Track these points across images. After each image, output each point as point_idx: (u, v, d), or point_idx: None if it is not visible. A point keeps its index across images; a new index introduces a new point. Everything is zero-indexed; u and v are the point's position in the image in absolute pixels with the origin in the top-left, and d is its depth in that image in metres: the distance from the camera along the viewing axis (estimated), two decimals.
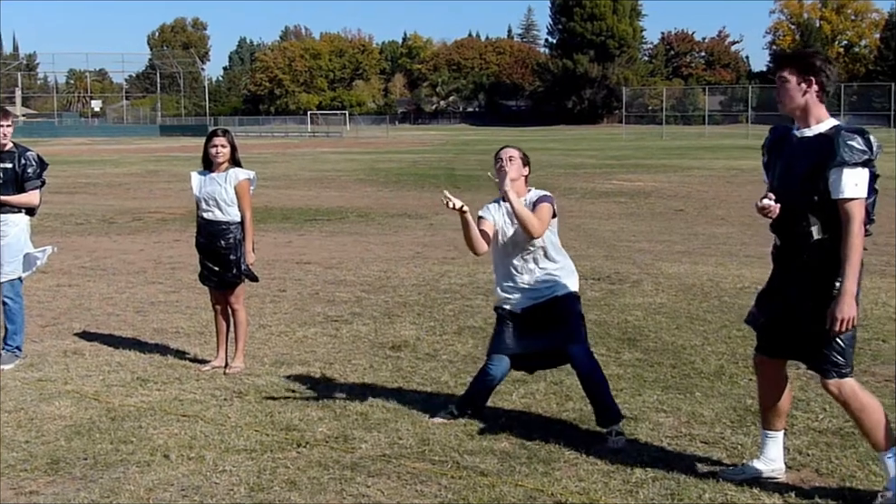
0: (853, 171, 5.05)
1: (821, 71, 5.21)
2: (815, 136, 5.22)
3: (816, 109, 5.26)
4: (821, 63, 5.24)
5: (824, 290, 5.16)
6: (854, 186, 5.04)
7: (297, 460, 6.13)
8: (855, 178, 5.05)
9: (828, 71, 5.23)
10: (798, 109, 5.29)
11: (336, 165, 42.45)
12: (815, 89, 5.22)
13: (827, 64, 5.25)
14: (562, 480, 5.75)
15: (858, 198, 5.06)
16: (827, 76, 5.22)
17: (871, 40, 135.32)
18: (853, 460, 6.05)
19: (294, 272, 13.51)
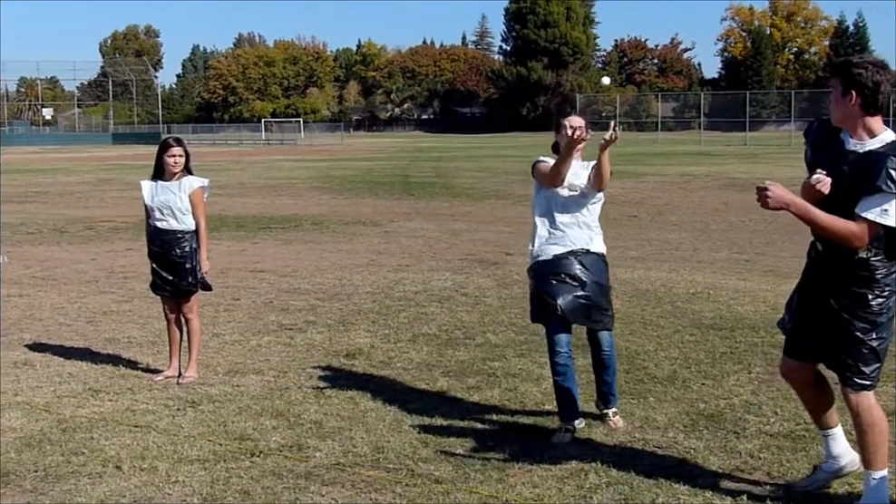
0: (885, 198, 4.82)
1: (862, 82, 4.92)
2: (865, 153, 4.95)
3: (864, 122, 4.98)
4: (864, 73, 4.93)
5: (861, 304, 5.06)
6: (882, 210, 4.83)
7: (250, 470, 6.10)
8: (886, 205, 4.84)
9: (872, 80, 4.91)
10: (842, 121, 5.07)
11: (290, 173, 42.30)
12: (859, 101, 4.95)
13: (875, 72, 4.93)
14: (517, 487, 5.76)
15: (880, 221, 4.85)
16: (870, 87, 4.91)
17: (821, 47, 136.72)
18: (805, 463, 6.10)
19: (248, 280, 13.45)
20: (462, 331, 10.08)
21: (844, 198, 4.97)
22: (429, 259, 15.41)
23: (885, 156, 4.86)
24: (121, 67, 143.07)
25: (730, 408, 7.31)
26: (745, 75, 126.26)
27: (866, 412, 5.17)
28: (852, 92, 4.96)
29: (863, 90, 4.93)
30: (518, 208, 24.61)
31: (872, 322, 5.07)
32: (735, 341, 9.49)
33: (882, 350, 5.14)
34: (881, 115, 5.00)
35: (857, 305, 5.08)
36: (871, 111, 4.96)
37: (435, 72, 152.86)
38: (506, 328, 10.19)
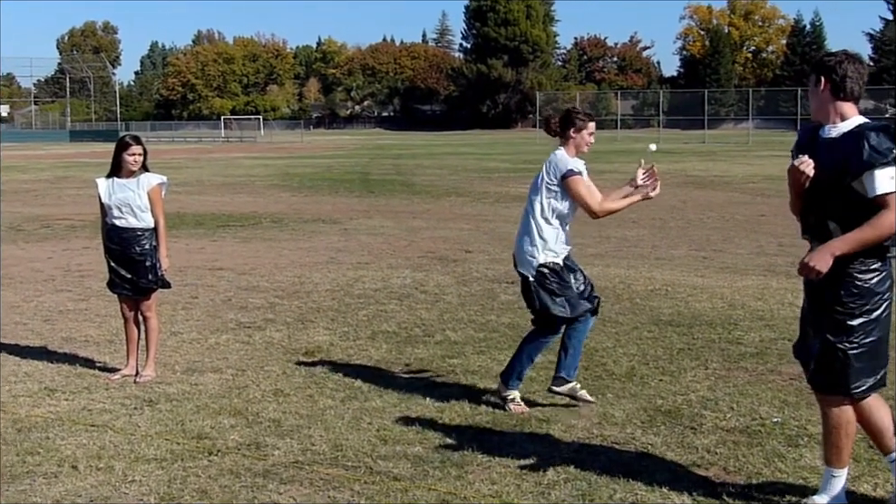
0: (885, 170, 4.85)
1: (831, 69, 5.06)
2: (840, 136, 5.05)
3: (836, 107, 5.09)
4: (834, 61, 5.08)
5: (835, 306, 5.04)
6: (890, 180, 4.85)
7: (208, 469, 6.07)
8: (889, 174, 4.85)
9: (840, 68, 5.04)
10: (817, 111, 5.18)
11: (249, 170, 42.14)
12: (828, 87, 5.06)
13: (844, 62, 5.06)
14: (475, 484, 5.77)
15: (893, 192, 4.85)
16: (839, 73, 5.04)
17: (778, 46, 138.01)
18: (760, 457, 6.16)
19: (206, 278, 13.38)
20: (422, 328, 10.09)
21: (826, 184, 5.04)
22: (388, 257, 15.40)
23: (860, 134, 4.96)
24: (78, 64, 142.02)
25: (687, 404, 7.36)
26: (703, 73, 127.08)
27: (834, 414, 5.18)
28: (822, 79, 5.10)
29: (832, 75, 5.06)
30: (477, 206, 24.65)
31: (845, 326, 5.02)
32: (693, 337, 9.56)
33: (859, 355, 5.03)
34: (853, 102, 5.10)
35: (833, 304, 5.07)
36: (841, 96, 5.07)
37: (396, 69, 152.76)
38: (465, 325, 10.20)
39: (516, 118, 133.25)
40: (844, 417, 5.17)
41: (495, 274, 13.48)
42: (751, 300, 11.40)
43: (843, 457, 5.24)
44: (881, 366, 5.10)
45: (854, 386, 5.08)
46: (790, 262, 14.16)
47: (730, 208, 23.08)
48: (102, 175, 8.53)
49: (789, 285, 12.24)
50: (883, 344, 5.09)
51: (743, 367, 8.41)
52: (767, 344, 9.27)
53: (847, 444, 5.21)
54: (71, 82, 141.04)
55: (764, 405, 7.30)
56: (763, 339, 9.45)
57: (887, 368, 5.17)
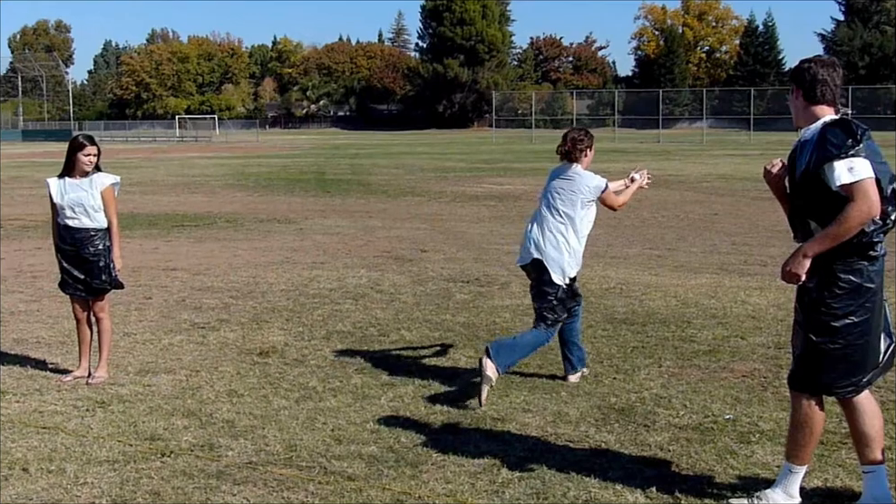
0: (842, 162, 4.90)
1: (801, 75, 5.18)
2: (809, 137, 5.14)
3: (809, 112, 5.18)
4: (805, 66, 5.19)
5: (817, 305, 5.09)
6: (847, 172, 4.87)
7: (161, 470, 6.03)
8: (848, 165, 4.88)
9: (809, 74, 5.15)
10: (796, 117, 5.28)
11: (204, 170, 41.90)
12: (801, 93, 5.18)
13: (813, 68, 5.16)
14: (430, 483, 5.77)
15: (856, 181, 4.86)
16: (808, 79, 5.14)
17: (732, 46, 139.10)
18: (712, 454, 6.21)
19: (160, 279, 13.29)
20: (377, 328, 10.08)
21: (803, 185, 5.13)
22: (344, 257, 15.37)
23: (821, 130, 5.07)
24: (30, 63, 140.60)
25: (641, 402, 7.41)
26: (658, 73, 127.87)
27: (802, 411, 5.23)
28: (793, 85, 5.25)
29: (803, 83, 5.18)
30: (434, 205, 24.66)
31: (829, 327, 5.05)
32: (647, 335, 9.62)
33: (840, 357, 5.07)
34: (826, 106, 5.16)
35: (815, 304, 5.11)
36: (813, 101, 5.17)
37: (352, 69, 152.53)
38: (420, 325, 10.20)
39: (472, 118, 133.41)
40: (812, 416, 5.21)
41: (451, 273, 13.50)
42: (704, 298, 11.48)
43: (804, 455, 5.29)
44: (862, 369, 5.10)
45: (829, 387, 5.15)
46: (742, 260, 14.30)
47: (684, 207, 23.24)
48: (55, 175, 8.43)
49: (742, 283, 12.35)
50: (868, 348, 5.09)
51: (696, 365, 8.47)
52: (720, 341, 9.34)
53: (810, 443, 5.26)
54: (23, 81, 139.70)
55: (717, 402, 7.36)
56: (715, 337, 9.52)
57: (873, 372, 5.15)
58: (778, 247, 13.72)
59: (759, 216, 21.06)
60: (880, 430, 5.25)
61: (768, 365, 8.45)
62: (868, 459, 5.22)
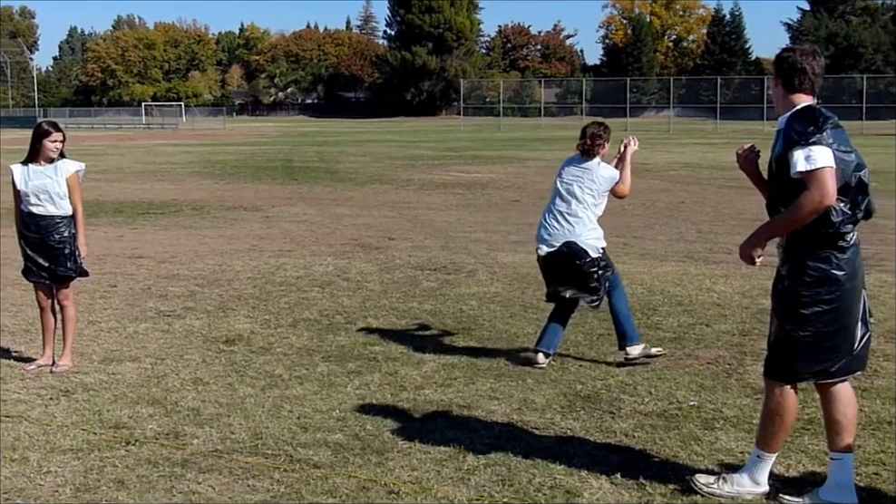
0: (801, 150, 4.94)
1: (781, 64, 5.22)
2: (781, 125, 5.20)
3: (787, 100, 5.21)
4: (785, 55, 5.23)
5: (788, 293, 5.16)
6: (804, 160, 4.92)
7: (125, 459, 6.01)
8: (806, 153, 4.92)
9: (787, 63, 5.18)
10: (777, 106, 5.31)
11: (170, 157, 41.65)
12: (781, 82, 5.21)
13: (792, 57, 5.19)
14: (395, 470, 5.78)
15: (812, 169, 4.90)
16: (787, 68, 5.18)
17: (699, 35, 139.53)
18: (677, 440, 6.25)
19: (125, 267, 13.21)
20: (344, 316, 10.06)
21: (774, 172, 5.19)
22: (311, 244, 15.34)
23: (789, 116, 5.14)
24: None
25: (606, 389, 7.44)
26: (625, 62, 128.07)
27: (774, 399, 5.26)
28: (774, 74, 5.30)
29: (783, 71, 5.21)
30: (401, 193, 24.63)
31: (798, 315, 5.10)
32: (612, 323, 9.63)
33: (809, 345, 5.11)
34: (805, 94, 5.18)
35: (785, 292, 5.17)
36: (792, 90, 5.20)
37: (319, 56, 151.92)
38: (387, 313, 10.20)
39: (440, 105, 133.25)
40: (784, 404, 5.24)
41: (418, 261, 13.49)
42: (670, 286, 11.53)
43: (774, 443, 5.32)
44: (833, 357, 5.13)
45: (799, 374, 5.19)
46: (708, 248, 14.39)
47: (650, 196, 23.30)
48: (19, 161, 8.34)
49: (707, 271, 12.42)
50: (839, 336, 5.11)
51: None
52: (685, 329, 9.39)
53: (782, 431, 5.29)
54: None
55: (682, 389, 7.40)
56: (681, 324, 9.57)
57: (847, 360, 5.16)
58: (743, 235, 13.74)
59: (725, 204, 21.18)
60: (853, 419, 5.29)
61: (733, 352, 8.50)
62: (837, 446, 5.27)
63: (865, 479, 5.57)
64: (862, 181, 5.02)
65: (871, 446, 6.10)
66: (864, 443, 6.10)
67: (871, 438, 6.25)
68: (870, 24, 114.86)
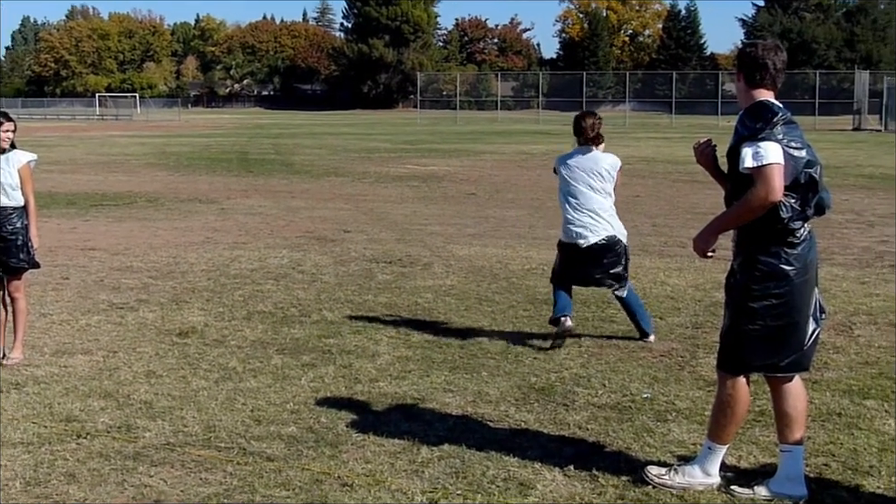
0: (749, 147, 4.98)
1: (743, 58, 5.24)
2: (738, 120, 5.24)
3: (749, 95, 5.23)
4: (748, 50, 5.26)
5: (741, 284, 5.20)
6: (752, 156, 4.96)
7: (76, 452, 5.96)
8: (754, 149, 4.97)
9: (750, 58, 5.20)
10: (739, 100, 5.32)
11: (125, 149, 41.29)
12: (743, 76, 5.23)
13: (755, 52, 5.21)
14: (349, 463, 5.77)
15: (759, 165, 4.94)
16: (748, 63, 5.20)
17: (655, 30, 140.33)
18: (630, 432, 6.29)
19: (78, 259, 13.09)
20: (298, 308, 10.03)
21: (728, 166, 5.25)
22: (266, 237, 15.27)
23: (742, 112, 5.20)
24: None
25: (560, 381, 7.47)
26: (582, 56, 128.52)
27: (725, 391, 5.31)
28: (735, 68, 5.35)
29: (744, 66, 5.24)
30: (357, 186, 24.57)
31: (747, 308, 5.16)
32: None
33: (759, 338, 5.16)
34: (766, 90, 5.21)
35: (737, 286, 5.23)
36: (753, 84, 5.22)
37: (276, 48, 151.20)
38: (342, 305, 10.17)
39: (397, 98, 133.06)
40: (735, 397, 5.29)
41: (373, 254, 13.47)
42: None
43: (725, 435, 5.37)
44: (782, 351, 5.18)
45: (748, 366, 5.25)
46: (662, 242, 14.47)
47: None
48: None
49: (661, 265, 12.49)
50: (789, 330, 5.16)
51: (615, 345, 8.56)
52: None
53: (732, 423, 5.33)
54: None
55: (635, 382, 7.45)
56: None
57: (797, 355, 5.21)
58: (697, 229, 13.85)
59: (680, 198, 21.32)
60: (803, 412, 5.35)
61: (685, 345, 8.56)
62: (787, 438, 5.32)
63: (815, 470, 5.63)
64: (813, 178, 5.06)
65: (821, 437, 6.17)
66: (814, 435, 6.17)
67: (821, 429, 6.32)
68: (823, 21, 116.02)
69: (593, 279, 8.69)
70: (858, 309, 9.95)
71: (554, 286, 8.77)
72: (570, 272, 8.71)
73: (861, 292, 10.84)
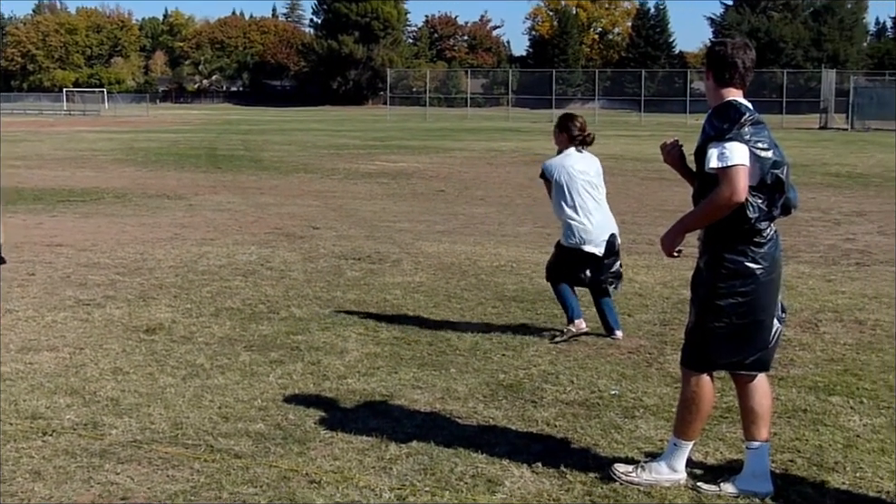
0: (715, 147, 5.01)
1: (712, 57, 5.25)
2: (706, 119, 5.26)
3: (717, 94, 5.24)
4: (717, 49, 5.26)
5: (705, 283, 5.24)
6: (717, 157, 4.98)
7: (42, 449, 5.91)
8: (719, 150, 4.99)
9: (720, 56, 5.21)
10: (708, 98, 5.33)
11: (92, 144, 41.01)
12: (712, 75, 5.24)
13: (724, 50, 5.21)
14: (317, 460, 5.76)
15: (724, 166, 4.97)
16: (717, 61, 5.21)
17: (624, 28, 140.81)
18: (598, 429, 6.31)
19: (44, 255, 12.99)
20: (267, 305, 10.00)
21: (696, 165, 5.27)
22: (234, 233, 15.21)
23: (710, 111, 5.22)
24: None
25: (529, 378, 7.48)
26: (551, 54, 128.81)
27: (689, 388, 5.34)
28: (707, 68, 5.32)
29: (713, 64, 5.25)
30: (326, 182, 24.52)
31: (713, 306, 5.18)
32: (536, 312, 9.72)
33: (724, 336, 5.20)
34: (735, 88, 5.23)
35: (703, 283, 5.26)
36: (722, 83, 5.24)
37: (245, 43, 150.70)
38: (311, 302, 10.15)
39: (367, 95, 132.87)
40: (700, 393, 5.31)
41: (342, 250, 13.45)
42: None
43: (691, 431, 5.40)
44: (747, 349, 5.21)
45: (713, 364, 5.28)
46: (631, 239, 14.50)
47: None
48: None
49: (630, 262, 12.50)
50: (754, 328, 5.19)
51: (583, 341, 8.58)
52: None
53: (697, 419, 5.36)
54: None
55: (603, 378, 7.47)
56: None
57: (762, 353, 5.25)
58: (666, 226, 13.89)
59: (648, 195, 21.40)
60: (768, 408, 5.38)
61: (653, 342, 8.60)
62: (753, 435, 5.35)
63: (781, 466, 5.67)
64: (780, 179, 5.09)
65: (787, 434, 6.22)
66: (780, 431, 6.21)
67: (786, 426, 6.37)
68: (790, 20, 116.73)
69: (598, 281, 8.74)
70: (824, 306, 10.02)
71: (556, 286, 8.88)
72: (575, 275, 8.78)
73: (826, 289, 10.92)
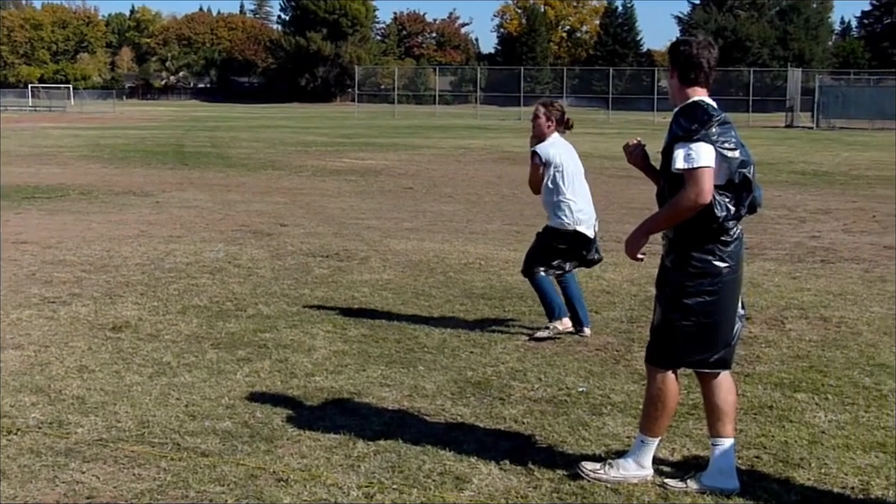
0: (681, 148, 5.03)
1: (676, 56, 5.25)
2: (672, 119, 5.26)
3: (682, 93, 5.25)
4: (681, 48, 5.26)
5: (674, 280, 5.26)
6: (684, 158, 5.00)
7: (6, 448, 5.87)
8: (686, 150, 5.01)
9: (683, 55, 5.22)
10: (672, 97, 5.35)
11: (58, 141, 40.69)
12: (677, 74, 5.25)
13: (688, 49, 5.22)
14: (284, 458, 5.75)
15: (690, 167, 4.99)
16: (681, 60, 5.23)
17: (592, 26, 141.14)
18: (565, 426, 6.33)
19: (9, 252, 12.88)
20: (234, 302, 9.96)
21: (661, 164, 5.29)
22: (202, 230, 15.13)
23: (676, 111, 5.23)
24: None
25: (497, 375, 7.49)
26: (520, 51, 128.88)
27: (655, 385, 5.37)
28: (671, 67, 5.32)
29: (678, 63, 5.26)
30: (294, 179, 24.45)
31: (680, 304, 5.21)
32: (504, 310, 9.73)
33: (690, 334, 5.22)
34: (700, 87, 5.25)
35: (670, 282, 5.28)
36: (686, 82, 5.26)
37: (212, 40, 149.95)
38: (278, 299, 10.12)
39: (335, 92, 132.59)
40: (665, 390, 5.34)
41: (310, 248, 13.41)
42: None
43: (656, 427, 5.42)
44: (712, 347, 5.25)
45: (679, 361, 5.31)
46: (598, 237, 14.52)
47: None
48: None
49: None
50: (719, 326, 5.23)
51: (551, 338, 8.60)
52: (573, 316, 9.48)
53: (663, 416, 5.39)
54: None
55: (571, 375, 7.49)
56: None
57: (725, 350, 5.30)
58: (632, 224, 13.95)
59: (615, 193, 21.46)
60: (733, 405, 5.42)
61: (621, 339, 8.63)
62: (718, 432, 5.38)
63: (747, 462, 5.70)
64: (747, 178, 5.12)
65: (753, 430, 6.26)
66: (746, 427, 6.25)
67: (752, 422, 6.41)
68: (757, 19, 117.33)
69: (588, 261, 8.96)
70: (790, 304, 10.09)
71: (537, 281, 8.80)
72: (562, 261, 8.81)
73: (792, 286, 11.00)
